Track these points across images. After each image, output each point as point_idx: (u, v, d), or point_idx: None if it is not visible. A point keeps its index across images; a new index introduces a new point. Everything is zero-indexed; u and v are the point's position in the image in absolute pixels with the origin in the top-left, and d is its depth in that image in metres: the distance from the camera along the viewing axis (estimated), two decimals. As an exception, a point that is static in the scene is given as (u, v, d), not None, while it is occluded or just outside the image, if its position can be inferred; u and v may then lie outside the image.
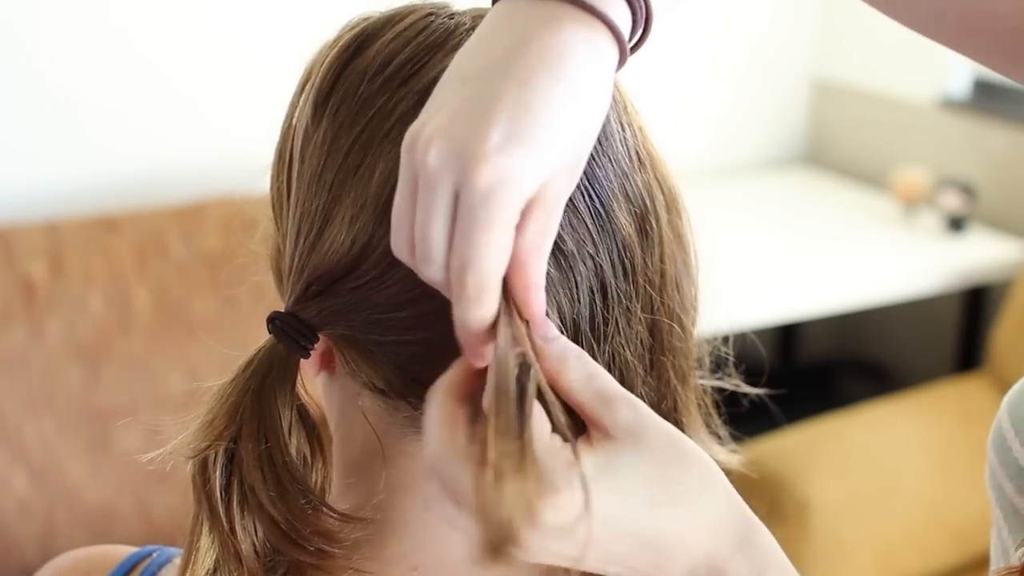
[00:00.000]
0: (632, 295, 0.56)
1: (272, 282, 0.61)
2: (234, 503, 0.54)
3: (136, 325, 1.96)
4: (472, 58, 0.48)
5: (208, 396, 0.56)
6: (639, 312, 0.56)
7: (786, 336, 2.90)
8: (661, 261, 0.57)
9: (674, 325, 0.58)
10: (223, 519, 0.54)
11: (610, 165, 0.55)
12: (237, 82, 2.24)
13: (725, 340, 0.66)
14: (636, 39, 0.51)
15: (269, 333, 0.56)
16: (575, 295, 0.54)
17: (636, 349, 0.57)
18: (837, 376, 2.90)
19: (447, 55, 0.54)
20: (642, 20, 0.50)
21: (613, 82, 0.50)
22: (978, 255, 2.39)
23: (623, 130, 0.57)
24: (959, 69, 2.60)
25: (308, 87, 0.58)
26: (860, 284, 2.30)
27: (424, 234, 0.46)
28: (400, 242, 0.48)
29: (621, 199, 0.55)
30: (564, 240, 0.53)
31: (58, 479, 1.88)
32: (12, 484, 1.85)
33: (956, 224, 2.43)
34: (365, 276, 0.53)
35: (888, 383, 2.70)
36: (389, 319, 0.54)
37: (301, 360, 0.56)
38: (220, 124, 2.23)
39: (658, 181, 0.58)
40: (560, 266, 0.53)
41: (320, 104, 0.56)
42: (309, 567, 0.56)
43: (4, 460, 1.85)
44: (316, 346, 0.56)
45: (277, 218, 0.60)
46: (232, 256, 1.93)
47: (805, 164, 2.98)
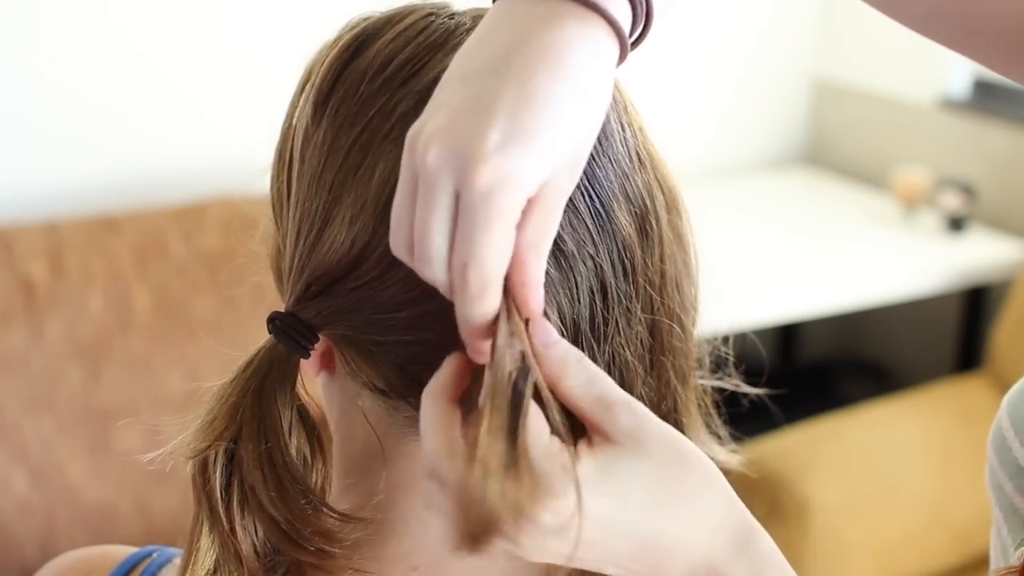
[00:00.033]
0: (632, 295, 0.56)
1: (272, 282, 0.61)
2: (234, 503, 0.54)
3: (136, 325, 1.96)
4: (472, 57, 0.48)
5: (208, 396, 0.56)
6: (639, 312, 0.56)
7: (786, 336, 2.90)
8: (661, 261, 0.57)
9: (674, 325, 0.58)
10: (223, 519, 0.54)
11: (610, 165, 0.55)
12: (237, 82, 2.24)
13: (725, 340, 0.66)
14: (636, 35, 0.51)
15: (269, 333, 0.56)
16: (575, 295, 0.54)
17: (636, 349, 0.57)
18: (837, 376, 2.90)
19: (447, 55, 0.53)
20: (642, 16, 0.50)
21: (613, 81, 0.50)
22: (978, 255, 2.39)
23: (623, 130, 0.56)
24: (959, 69, 2.60)
25: (308, 87, 0.58)
26: (860, 284, 2.30)
27: (423, 234, 0.46)
28: (399, 241, 0.48)
29: (621, 199, 0.55)
30: (564, 240, 0.53)
31: (58, 479, 1.88)
32: (12, 484, 1.85)
33: (956, 224, 2.43)
34: (365, 276, 0.53)
35: (888, 383, 2.70)
36: (389, 319, 0.54)
37: (301, 360, 0.56)
38: (220, 124, 2.23)
39: (658, 181, 0.58)
40: (560, 266, 0.53)
41: (320, 104, 0.56)
42: (309, 567, 0.56)
43: (4, 460, 1.85)
44: (316, 346, 0.56)
45: (277, 218, 0.60)
46: (232, 256, 1.93)
47: (805, 164, 2.98)
